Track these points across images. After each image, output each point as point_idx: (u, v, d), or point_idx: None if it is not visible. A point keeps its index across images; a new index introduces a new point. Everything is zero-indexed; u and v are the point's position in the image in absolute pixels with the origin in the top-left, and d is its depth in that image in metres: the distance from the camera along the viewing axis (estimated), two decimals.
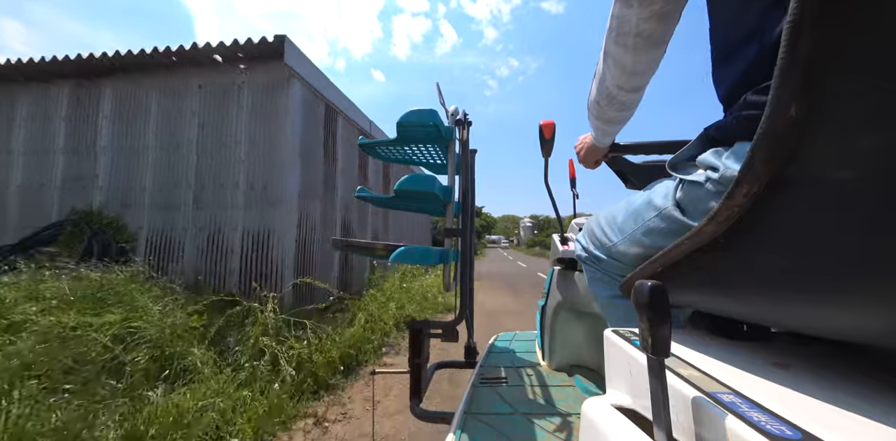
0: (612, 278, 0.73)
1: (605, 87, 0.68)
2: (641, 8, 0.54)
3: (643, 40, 0.57)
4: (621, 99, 0.69)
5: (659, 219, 0.55)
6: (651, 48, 0.58)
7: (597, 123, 0.82)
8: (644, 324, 0.31)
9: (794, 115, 0.25)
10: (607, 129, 0.83)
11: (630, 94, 0.68)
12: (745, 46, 0.42)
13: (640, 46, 0.58)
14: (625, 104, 0.71)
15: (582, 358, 1.31)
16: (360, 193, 1.33)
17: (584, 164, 1.07)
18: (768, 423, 0.26)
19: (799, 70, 0.24)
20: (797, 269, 0.31)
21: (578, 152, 1.04)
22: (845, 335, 0.37)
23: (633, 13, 0.55)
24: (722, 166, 0.43)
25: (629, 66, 0.61)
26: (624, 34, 0.58)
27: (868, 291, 0.28)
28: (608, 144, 0.98)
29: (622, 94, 0.67)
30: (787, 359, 0.41)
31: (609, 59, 0.63)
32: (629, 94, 0.68)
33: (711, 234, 0.35)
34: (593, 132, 0.90)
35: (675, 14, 0.55)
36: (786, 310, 0.37)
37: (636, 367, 0.40)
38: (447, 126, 1.12)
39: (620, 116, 0.76)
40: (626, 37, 0.58)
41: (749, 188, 0.29)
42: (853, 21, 0.22)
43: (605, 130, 0.84)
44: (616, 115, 0.75)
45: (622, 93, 0.67)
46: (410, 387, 1.14)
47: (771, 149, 0.27)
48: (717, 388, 0.33)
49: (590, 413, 0.40)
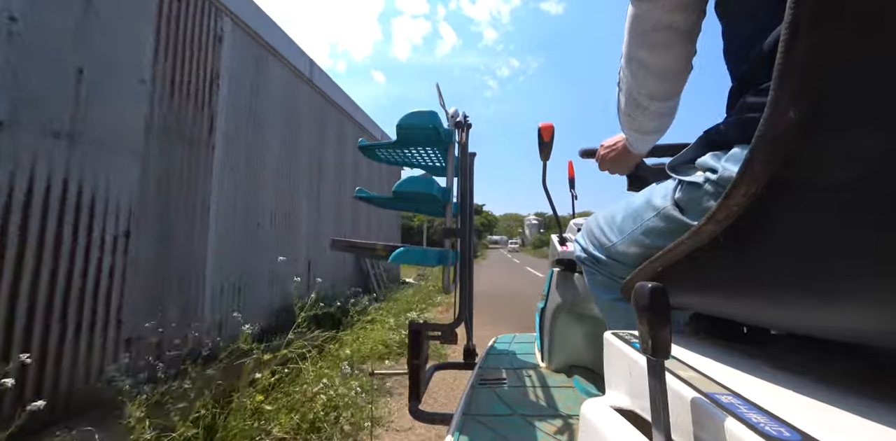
0: (612, 280, 0.73)
1: (632, 98, 0.61)
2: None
3: (670, 35, 0.52)
4: (653, 109, 0.61)
5: (658, 218, 0.55)
6: (678, 44, 0.53)
7: (633, 134, 0.73)
8: (644, 326, 0.31)
9: (792, 117, 0.25)
10: (646, 138, 0.73)
11: (663, 103, 0.60)
12: (747, 49, 0.43)
13: (666, 43, 0.52)
14: (656, 113, 0.63)
15: (581, 359, 1.31)
16: (360, 194, 1.33)
17: (611, 169, 0.93)
18: (767, 425, 0.26)
19: (796, 72, 0.24)
20: (796, 270, 0.31)
21: (606, 156, 0.90)
22: (844, 336, 0.37)
23: (655, 6, 0.50)
24: (720, 168, 0.43)
25: (658, 67, 0.55)
26: (646, 32, 0.52)
27: (866, 292, 0.28)
28: (646, 151, 0.86)
29: (654, 104, 0.60)
30: (786, 361, 0.41)
31: (633, 65, 0.57)
32: (662, 103, 0.60)
33: (711, 233, 0.35)
34: (629, 140, 0.80)
35: (699, 4, 0.50)
36: (784, 311, 0.37)
37: (636, 369, 0.40)
38: (447, 128, 1.13)
39: (657, 125, 0.67)
40: (650, 34, 0.52)
41: (747, 189, 0.30)
42: (850, 23, 0.22)
43: (644, 139, 0.75)
44: (650, 125, 0.66)
45: (654, 102, 0.60)
46: (409, 388, 1.14)
47: (769, 151, 0.27)
48: (717, 389, 0.33)
49: (589, 414, 0.40)
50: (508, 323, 4.33)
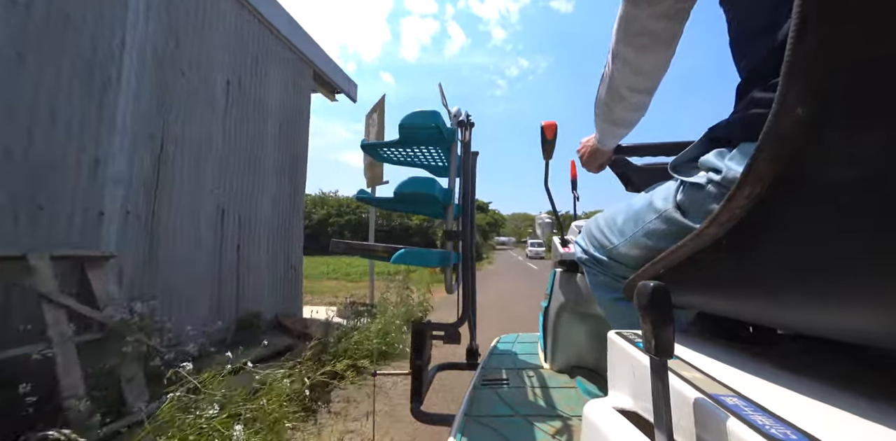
0: (613, 280, 0.73)
1: (614, 89, 0.67)
2: (651, 7, 0.54)
3: (652, 40, 0.57)
4: (632, 100, 0.68)
5: (660, 221, 0.54)
6: (660, 48, 0.58)
7: (604, 126, 0.80)
8: (647, 325, 0.30)
9: (800, 113, 0.24)
10: (615, 131, 0.81)
11: (640, 96, 0.67)
12: (756, 43, 0.42)
13: (649, 46, 0.58)
14: (635, 106, 0.70)
15: (584, 360, 1.31)
16: (361, 195, 1.33)
17: (586, 167, 1.04)
18: (772, 427, 0.26)
19: (806, 68, 0.23)
20: (799, 271, 0.31)
21: (581, 156, 1.02)
22: (849, 337, 0.37)
23: (641, 12, 0.55)
24: (724, 168, 0.43)
25: (638, 66, 0.61)
26: (632, 34, 0.58)
27: (872, 293, 0.28)
28: (613, 147, 0.95)
29: (633, 96, 0.67)
30: (791, 362, 0.41)
31: (618, 60, 0.62)
32: (639, 96, 0.67)
33: (713, 236, 0.35)
34: (598, 135, 0.88)
35: (684, 13, 0.55)
36: (788, 311, 0.36)
37: (639, 369, 0.39)
38: (449, 128, 1.13)
39: (630, 118, 0.74)
40: (635, 37, 0.58)
41: (751, 190, 0.29)
42: (860, 19, 0.22)
43: (613, 132, 0.83)
44: (626, 116, 0.74)
45: (633, 94, 0.66)
46: (411, 389, 1.14)
47: (776, 148, 0.27)
48: (721, 390, 0.33)
49: (591, 415, 0.40)
50: None
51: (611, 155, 1.00)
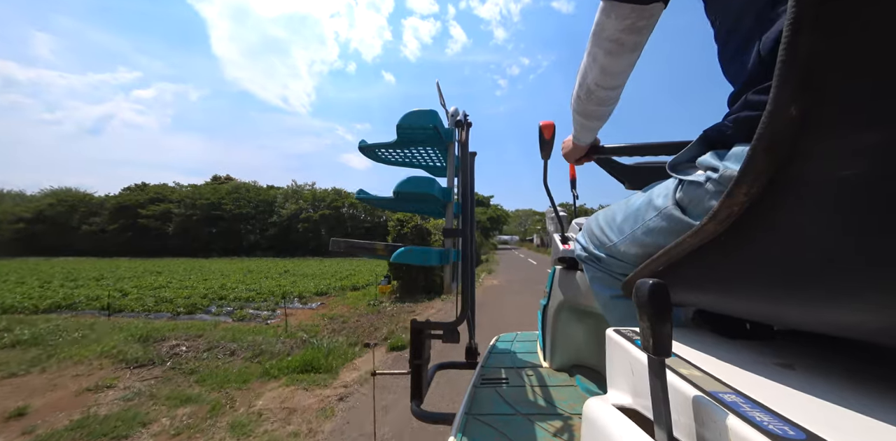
0: (613, 277, 0.73)
1: (585, 82, 0.74)
2: (618, 21, 0.60)
3: (619, 47, 0.64)
4: (599, 95, 0.75)
5: (659, 218, 0.55)
6: (626, 54, 0.65)
7: (576, 118, 0.88)
8: (645, 323, 0.30)
9: (794, 114, 0.25)
10: (585, 123, 0.88)
11: (607, 91, 0.74)
12: (747, 47, 0.43)
13: (616, 52, 0.65)
14: (602, 100, 0.77)
15: (583, 358, 1.31)
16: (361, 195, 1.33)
17: (567, 159, 1.15)
18: (771, 423, 0.26)
19: (798, 69, 0.24)
20: (798, 266, 0.31)
21: (563, 149, 1.12)
22: (847, 332, 0.37)
23: (610, 23, 0.61)
24: (721, 167, 0.43)
25: (606, 66, 0.68)
26: (603, 39, 0.64)
27: (868, 289, 0.28)
28: (586, 143, 1.02)
29: (600, 91, 0.74)
30: (789, 358, 0.41)
31: (590, 58, 0.69)
32: (606, 91, 0.74)
33: (712, 232, 0.35)
34: (573, 129, 0.96)
35: (647, 28, 0.62)
36: (786, 307, 0.37)
37: (638, 367, 0.40)
38: (447, 128, 1.12)
39: (598, 111, 0.81)
40: (605, 42, 0.64)
41: (749, 187, 0.30)
42: (852, 20, 0.22)
43: (584, 125, 0.89)
44: (594, 110, 0.81)
45: (600, 89, 0.74)
46: (411, 388, 1.14)
47: (771, 148, 0.27)
48: (719, 387, 0.33)
49: (591, 413, 0.40)
50: None
51: (586, 150, 1.08)
